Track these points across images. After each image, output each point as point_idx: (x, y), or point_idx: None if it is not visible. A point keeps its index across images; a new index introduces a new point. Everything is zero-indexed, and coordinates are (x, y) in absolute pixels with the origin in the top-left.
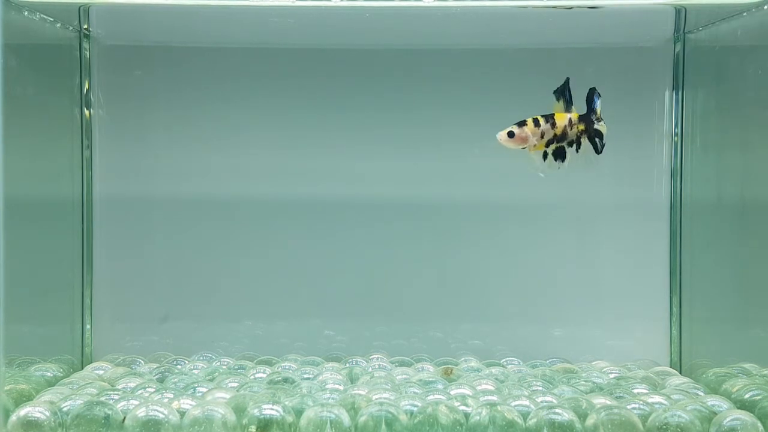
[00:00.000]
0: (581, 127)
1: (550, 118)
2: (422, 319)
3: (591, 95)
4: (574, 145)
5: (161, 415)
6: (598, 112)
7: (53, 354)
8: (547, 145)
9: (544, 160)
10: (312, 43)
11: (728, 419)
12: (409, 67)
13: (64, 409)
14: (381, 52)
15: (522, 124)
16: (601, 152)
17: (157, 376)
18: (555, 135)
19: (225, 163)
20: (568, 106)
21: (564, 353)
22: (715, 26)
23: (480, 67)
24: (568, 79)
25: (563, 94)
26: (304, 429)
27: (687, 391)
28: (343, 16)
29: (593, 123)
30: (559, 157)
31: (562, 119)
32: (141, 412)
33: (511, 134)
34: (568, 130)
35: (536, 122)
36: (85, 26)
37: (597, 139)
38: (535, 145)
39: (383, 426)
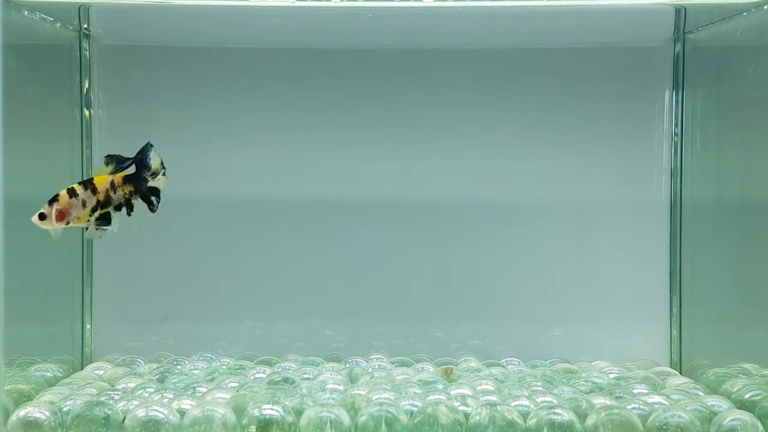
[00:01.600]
0: (129, 188)
1: (89, 184)
2: (422, 319)
3: (144, 151)
4: (124, 209)
5: (161, 415)
6: (154, 166)
7: (53, 354)
8: (92, 212)
9: (97, 229)
10: (312, 43)
11: (728, 419)
12: (409, 67)
13: (64, 409)
14: (381, 52)
15: (53, 200)
16: (156, 209)
17: (157, 376)
18: (98, 201)
19: (225, 163)
20: (117, 167)
21: (564, 353)
22: (715, 26)
23: (480, 67)
24: (146, 144)
25: (111, 158)
26: (304, 429)
27: (687, 391)
28: (343, 16)
29: (146, 181)
30: (107, 223)
31: (102, 183)
32: (141, 412)
33: (42, 216)
34: (112, 194)
35: (72, 192)
36: (85, 26)
37: (153, 197)
38: (78, 218)
39: (383, 426)
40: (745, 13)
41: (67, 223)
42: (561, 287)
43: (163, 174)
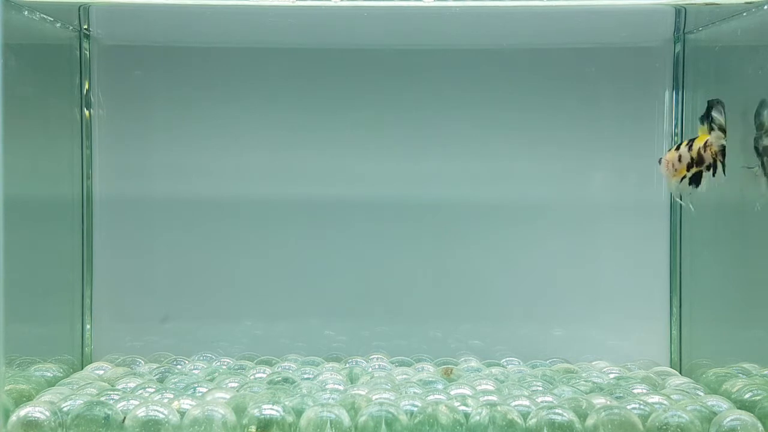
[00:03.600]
0: (714, 148)
1: (690, 141)
2: (422, 319)
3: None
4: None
5: (161, 415)
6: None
7: (53, 354)
8: (688, 168)
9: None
10: (312, 43)
11: (728, 419)
12: (409, 67)
13: (64, 409)
14: (381, 52)
15: (677, 146)
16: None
17: (157, 376)
18: (692, 158)
19: (225, 163)
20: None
21: (564, 353)
22: (715, 26)
23: (480, 67)
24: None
25: (705, 117)
26: (304, 429)
27: (687, 391)
28: (343, 16)
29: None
30: (695, 182)
31: (699, 141)
32: (141, 412)
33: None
34: (703, 152)
35: (677, 147)
36: (85, 26)
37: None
38: (677, 170)
39: (383, 426)
40: (745, 14)
41: (670, 174)
42: (561, 287)
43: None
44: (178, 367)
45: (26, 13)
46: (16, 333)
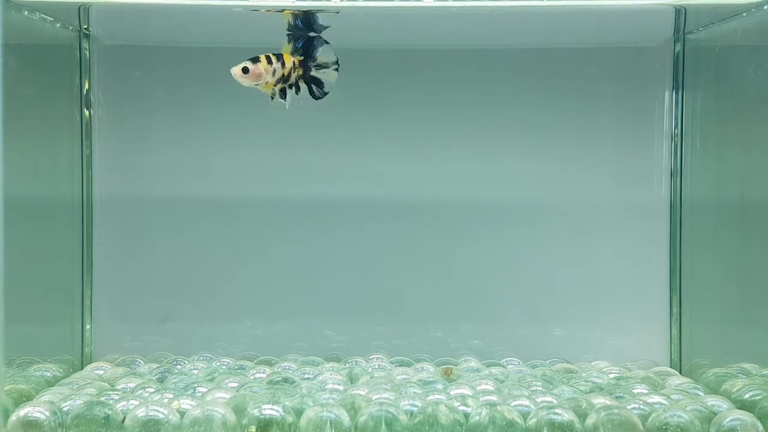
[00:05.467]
0: (300, 71)
1: (280, 57)
2: (422, 319)
3: (311, 43)
4: (294, 88)
5: (161, 415)
6: (321, 59)
7: (53, 354)
8: (276, 84)
9: (272, 99)
10: None
11: (728, 419)
12: (410, 68)
13: (64, 409)
14: (381, 52)
15: (255, 60)
16: (320, 97)
17: (157, 376)
18: (283, 75)
19: (225, 163)
20: (293, 51)
21: (564, 353)
22: (715, 26)
23: (480, 67)
24: (315, 36)
25: (295, 39)
26: (304, 429)
27: (687, 391)
28: (342, 15)
29: (310, 69)
30: (283, 95)
31: (290, 59)
32: (141, 412)
33: (245, 70)
34: (292, 72)
35: (268, 59)
36: (85, 26)
37: (315, 86)
38: (267, 83)
39: (383, 426)
40: (745, 14)
41: (257, 84)
42: (561, 287)
43: (335, 69)
44: (178, 367)
45: (26, 13)
46: (16, 333)
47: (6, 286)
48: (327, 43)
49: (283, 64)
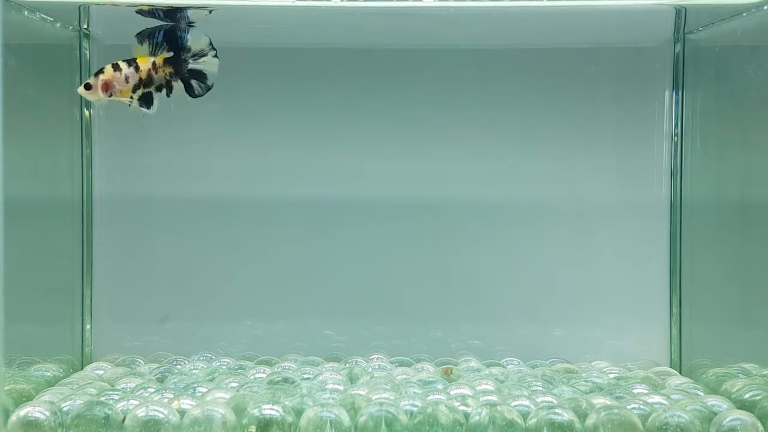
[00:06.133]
0: (169, 69)
1: (132, 62)
2: (422, 319)
3: (173, 34)
4: (164, 90)
5: (161, 415)
6: (197, 47)
7: (53, 354)
8: (134, 90)
9: (129, 106)
10: (312, 43)
11: (728, 419)
12: (410, 67)
13: (64, 409)
14: (381, 52)
15: (98, 73)
16: (202, 94)
17: (157, 376)
18: (141, 79)
19: (225, 163)
20: (157, 49)
21: (564, 353)
22: (715, 26)
23: (480, 67)
24: (172, 25)
25: (148, 37)
26: (304, 429)
27: (687, 391)
28: (343, 15)
29: (186, 63)
30: (146, 103)
31: (145, 62)
32: (141, 412)
33: (88, 86)
34: (154, 74)
35: (116, 67)
36: (85, 26)
37: (195, 81)
38: (122, 92)
39: (383, 426)
40: (745, 14)
41: (110, 95)
42: (561, 287)
43: (214, 56)
44: (178, 367)
45: (26, 13)
46: (16, 333)
47: (6, 286)
48: (192, 25)
49: (137, 69)
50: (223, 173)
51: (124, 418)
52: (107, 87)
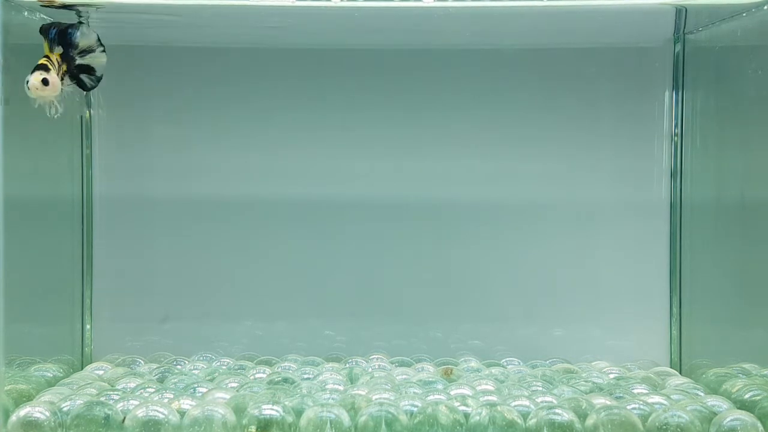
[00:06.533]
0: (64, 67)
1: (48, 58)
2: (422, 319)
3: (64, 32)
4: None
5: (161, 415)
6: (83, 44)
7: (53, 354)
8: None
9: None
10: (312, 43)
11: (728, 419)
12: (410, 68)
13: (64, 409)
14: (381, 52)
15: (44, 68)
16: (93, 87)
17: (157, 377)
18: (64, 71)
19: (225, 163)
20: (52, 45)
21: (564, 353)
22: (715, 26)
23: (480, 67)
24: (68, 25)
25: (44, 33)
26: (304, 429)
27: (687, 392)
28: (343, 16)
29: (74, 59)
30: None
31: (54, 58)
32: (141, 412)
33: (46, 81)
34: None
35: (49, 60)
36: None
37: (84, 75)
38: (62, 89)
39: (383, 426)
40: (745, 14)
41: (58, 93)
42: (561, 287)
43: (102, 51)
44: (178, 367)
45: (26, 13)
46: (16, 333)
47: (6, 286)
48: (80, 23)
49: (57, 63)
50: (223, 173)
51: (124, 418)
52: (56, 84)
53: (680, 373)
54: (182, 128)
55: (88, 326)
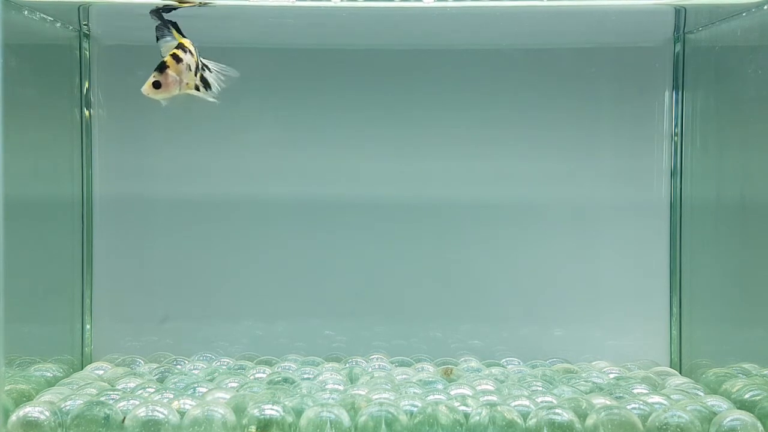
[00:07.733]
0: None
1: (182, 47)
2: (422, 319)
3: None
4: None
5: (161, 415)
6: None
7: (53, 354)
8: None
9: (198, 90)
10: (312, 43)
11: (728, 419)
12: (409, 67)
13: (64, 409)
14: (381, 52)
15: (163, 67)
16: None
17: (157, 377)
18: (197, 65)
19: (225, 163)
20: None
21: (564, 353)
22: (715, 26)
23: (480, 67)
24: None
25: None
26: (304, 429)
27: (687, 392)
28: (343, 15)
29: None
30: (207, 85)
31: (190, 44)
32: (141, 412)
33: (157, 84)
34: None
35: (176, 58)
36: (85, 26)
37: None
38: (187, 84)
39: (383, 426)
40: (745, 14)
41: (180, 89)
42: (561, 287)
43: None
44: (178, 367)
45: (26, 13)
46: (16, 333)
47: (6, 286)
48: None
49: (192, 53)
50: (223, 173)
51: (124, 418)
52: (176, 84)
53: (680, 373)
54: (182, 128)
55: (88, 326)
